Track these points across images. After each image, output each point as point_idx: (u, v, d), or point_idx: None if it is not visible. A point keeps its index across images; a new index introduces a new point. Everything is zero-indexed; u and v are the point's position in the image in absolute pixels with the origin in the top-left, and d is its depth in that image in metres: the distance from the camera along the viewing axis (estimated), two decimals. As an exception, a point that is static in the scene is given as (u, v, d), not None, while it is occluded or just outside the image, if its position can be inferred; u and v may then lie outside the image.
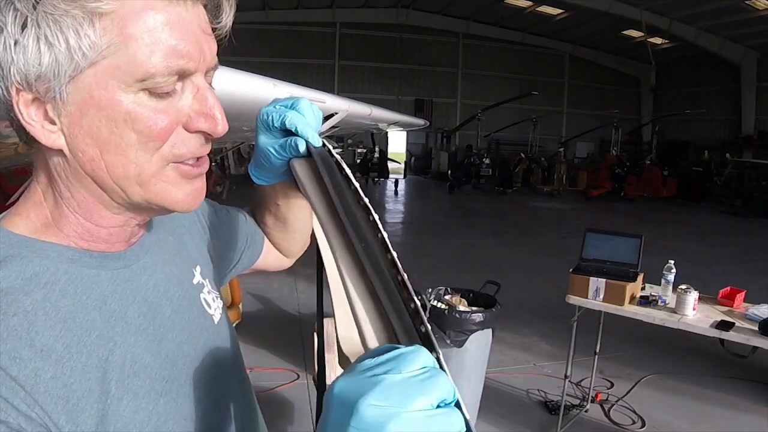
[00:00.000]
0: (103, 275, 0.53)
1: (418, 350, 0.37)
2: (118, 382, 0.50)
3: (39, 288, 0.48)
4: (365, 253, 0.48)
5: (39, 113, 0.48)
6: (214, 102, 0.53)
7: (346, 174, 0.57)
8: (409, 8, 19.03)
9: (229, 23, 0.56)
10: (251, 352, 3.83)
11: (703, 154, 16.64)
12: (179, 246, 0.69)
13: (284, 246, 0.91)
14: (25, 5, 0.44)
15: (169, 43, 0.47)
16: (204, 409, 0.59)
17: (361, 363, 0.38)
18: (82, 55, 0.45)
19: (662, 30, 16.25)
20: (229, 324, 0.73)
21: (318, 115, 0.66)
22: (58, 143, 0.49)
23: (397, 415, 0.34)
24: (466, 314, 2.79)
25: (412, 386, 0.35)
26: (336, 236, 0.53)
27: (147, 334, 0.55)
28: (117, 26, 0.46)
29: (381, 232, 0.50)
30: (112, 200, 0.52)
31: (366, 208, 0.52)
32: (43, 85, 0.46)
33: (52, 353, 0.45)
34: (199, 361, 0.61)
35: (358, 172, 14.91)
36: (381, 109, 2.73)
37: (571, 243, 5.70)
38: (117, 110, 0.47)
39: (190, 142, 0.52)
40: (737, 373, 3.74)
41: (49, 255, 0.50)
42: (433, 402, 0.35)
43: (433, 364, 0.37)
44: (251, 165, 0.72)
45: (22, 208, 0.53)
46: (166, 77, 0.48)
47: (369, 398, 0.34)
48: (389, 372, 0.36)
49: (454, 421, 0.35)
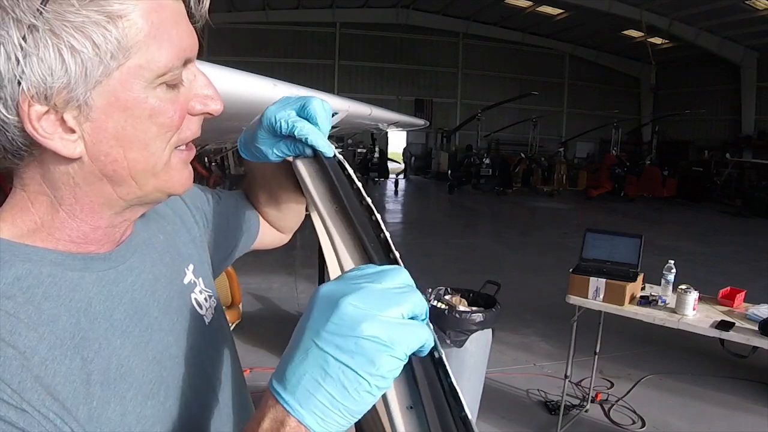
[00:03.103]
0: (87, 277, 0.53)
1: (400, 270, 0.43)
2: (103, 385, 0.49)
3: (21, 291, 0.47)
4: (364, 256, 0.48)
5: (55, 125, 0.46)
6: (208, 82, 0.55)
7: (348, 174, 0.57)
8: (409, 8, 19.02)
9: (206, 8, 0.57)
10: (251, 352, 3.83)
11: (703, 154, 16.64)
12: (169, 245, 0.67)
13: (279, 222, 0.90)
14: (30, 16, 0.42)
15: (177, 36, 0.50)
16: (193, 412, 0.58)
17: (347, 273, 0.43)
18: (110, 56, 0.45)
19: (662, 30, 16.26)
20: (224, 324, 0.72)
21: (329, 116, 0.66)
22: (78, 151, 0.48)
23: (372, 317, 0.39)
24: (466, 314, 2.79)
25: (389, 296, 0.40)
26: (339, 236, 0.53)
27: (133, 336, 0.54)
28: (135, 26, 0.46)
29: (383, 231, 0.50)
30: (120, 198, 0.52)
31: (368, 208, 0.53)
32: (66, 94, 0.45)
33: (35, 355, 0.44)
34: (188, 363, 0.60)
35: (358, 172, 14.92)
36: (381, 109, 2.73)
37: (571, 243, 5.70)
38: (142, 108, 0.48)
39: (193, 125, 0.55)
40: (737, 373, 3.74)
41: (32, 259, 0.49)
42: (405, 313, 0.40)
43: (413, 284, 0.43)
44: (242, 147, 0.71)
45: (7, 214, 0.52)
46: (179, 69, 0.50)
47: (349, 298, 0.40)
48: (371, 282, 0.41)
49: (421, 333, 0.40)
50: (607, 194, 14.82)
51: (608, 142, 17.98)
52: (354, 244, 0.52)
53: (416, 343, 0.40)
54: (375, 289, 0.41)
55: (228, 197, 0.85)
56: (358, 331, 0.39)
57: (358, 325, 0.39)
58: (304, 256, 5.43)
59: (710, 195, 14.96)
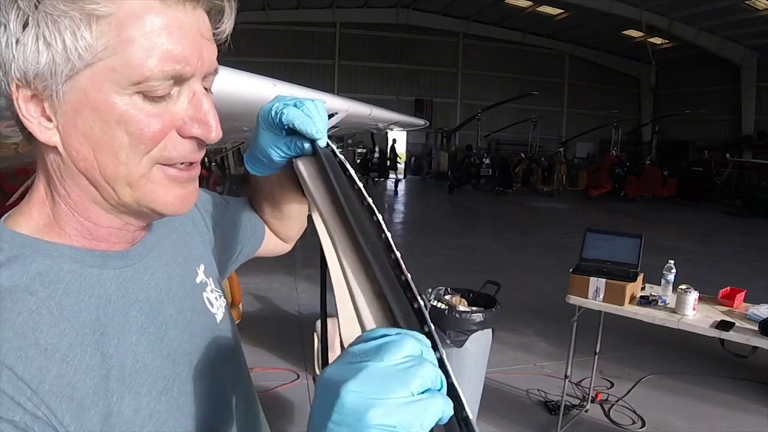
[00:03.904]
0: (105, 274, 0.54)
1: (404, 338, 0.38)
2: (120, 381, 0.50)
3: (43, 287, 0.48)
4: (371, 253, 0.48)
5: (37, 110, 0.49)
6: (209, 108, 0.52)
7: (350, 174, 0.57)
8: (409, 8, 19.02)
9: (229, 29, 0.56)
10: (251, 352, 3.83)
11: (703, 154, 16.65)
12: (182, 245, 0.69)
13: (282, 231, 0.92)
14: (27, 4, 0.45)
15: (165, 47, 0.47)
16: (205, 408, 0.59)
17: (350, 349, 0.39)
18: (78, 56, 0.46)
19: (662, 30, 16.25)
20: (232, 323, 0.74)
21: (324, 113, 0.66)
22: (54, 140, 0.49)
23: (377, 404, 0.34)
24: (466, 314, 2.79)
25: (392, 375, 0.36)
26: (340, 236, 0.53)
27: (149, 332, 0.56)
28: (114, 29, 0.46)
29: (385, 232, 0.50)
30: (105, 200, 0.52)
31: (370, 209, 0.52)
32: (41, 83, 0.47)
33: (56, 352, 0.46)
34: (201, 360, 0.61)
35: (358, 172, 14.92)
36: (381, 109, 2.73)
37: (571, 243, 5.70)
38: (111, 112, 0.48)
39: (182, 147, 0.52)
40: (737, 373, 3.74)
41: (53, 255, 0.51)
42: (414, 390, 0.35)
43: (420, 352, 0.38)
44: (247, 157, 0.72)
45: (26, 207, 0.54)
46: (161, 81, 0.48)
47: (350, 385, 0.35)
48: (372, 360, 0.36)
49: (435, 407, 0.35)
50: (607, 194, 14.81)
51: (608, 142, 17.98)
52: (354, 244, 0.52)
53: (431, 419, 0.35)
54: (377, 368, 0.36)
55: (236, 203, 0.87)
56: (365, 421, 0.34)
57: (365, 414, 0.34)
58: (304, 257, 5.41)
59: (710, 195, 14.95)
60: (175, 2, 0.48)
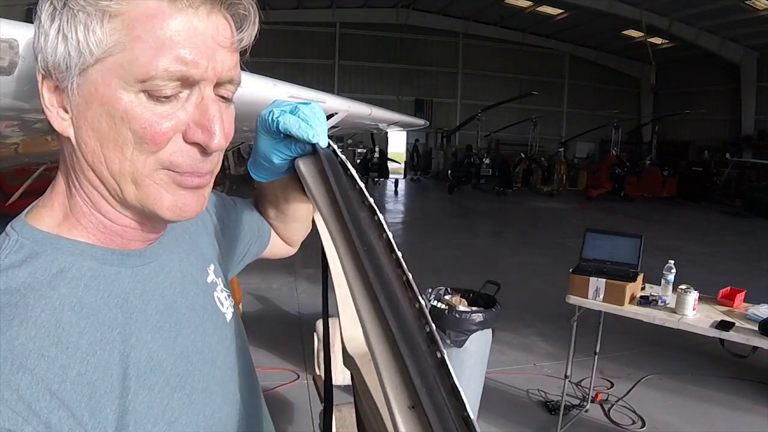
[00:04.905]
0: (124, 272, 0.55)
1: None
2: (135, 378, 0.51)
3: (65, 283, 0.49)
4: (367, 256, 0.48)
5: (58, 100, 0.51)
6: (215, 114, 0.52)
7: (351, 174, 0.57)
8: (409, 8, 19.01)
9: (250, 37, 0.56)
10: (251, 352, 3.78)
11: (703, 154, 16.65)
12: (194, 245, 0.70)
13: (286, 235, 0.93)
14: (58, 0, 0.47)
15: (173, 49, 0.48)
16: (215, 405, 0.60)
17: None
18: (89, 50, 0.47)
19: (662, 30, 16.25)
20: (240, 322, 0.75)
21: (321, 116, 0.66)
22: (68, 131, 0.51)
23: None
24: (466, 314, 2.79)
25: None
26: (340, 237, 0.54)
27: (164, 331, 0.56)
28: (126, 27, 0.47)
29: (386, 232, 0.50)
30: (111, 195, 0.53)
31: (371, 209, 0.53)
32: (59, 74, 0.49)
33: (77, 350, 0.46)
34: (212, 358, 0.62)
35: (358, 172, 14.90)
36: (381, 109, 2.73)
37: (571, 243, 5.70)
38: (116, 107, 0.49)
39: (188, 154, 0.52)
40: (737, 373, 3.74)
41: (73, 252, 0.52)
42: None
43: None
44: (251, 164, 0.73)
45: (48, 199, 0.55)
46: (165, 81, 0.48)
47: None
48: None
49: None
50: (607, 194, 14.82)
51: (608, 142, 17.97)
52: (351, 245, 0.52)
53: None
54: None
55: (243, 205, 0.88)
56: None
57: None
58: (305, 256, 5.41)
59: (710, 195, 14.95)
60: (188, 5, 0.49)
